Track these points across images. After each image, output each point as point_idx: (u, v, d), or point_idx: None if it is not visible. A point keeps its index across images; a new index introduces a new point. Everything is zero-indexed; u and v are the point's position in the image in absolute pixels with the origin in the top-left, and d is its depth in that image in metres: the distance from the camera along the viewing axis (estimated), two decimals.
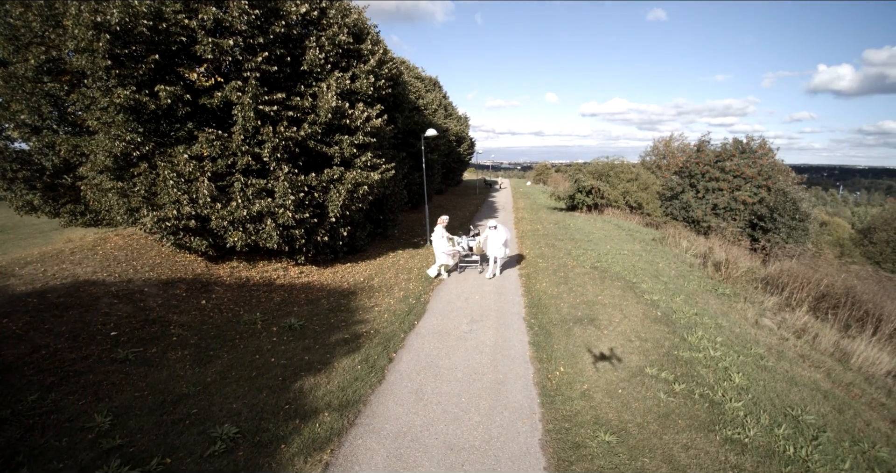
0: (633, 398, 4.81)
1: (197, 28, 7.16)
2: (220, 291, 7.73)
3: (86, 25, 6.62)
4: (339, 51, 9.08)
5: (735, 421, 4.46)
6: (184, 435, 4.06)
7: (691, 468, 3.77)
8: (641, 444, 4.04)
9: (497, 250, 9.48)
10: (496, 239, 9.38)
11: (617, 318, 7.18)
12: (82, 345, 5.44)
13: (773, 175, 19.06)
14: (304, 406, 4.55)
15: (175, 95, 7.36)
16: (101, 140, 7.49)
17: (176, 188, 7.55)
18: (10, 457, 3.72)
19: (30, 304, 5.91)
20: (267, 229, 8.13)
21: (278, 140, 8.07)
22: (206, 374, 5.18)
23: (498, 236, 9.38)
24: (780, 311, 8.30)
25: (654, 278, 9.65)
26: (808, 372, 5.91)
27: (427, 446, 4.01)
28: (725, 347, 6.23)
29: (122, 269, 7.48)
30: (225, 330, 6.40)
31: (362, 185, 9.40)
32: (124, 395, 4.70)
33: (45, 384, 4.74)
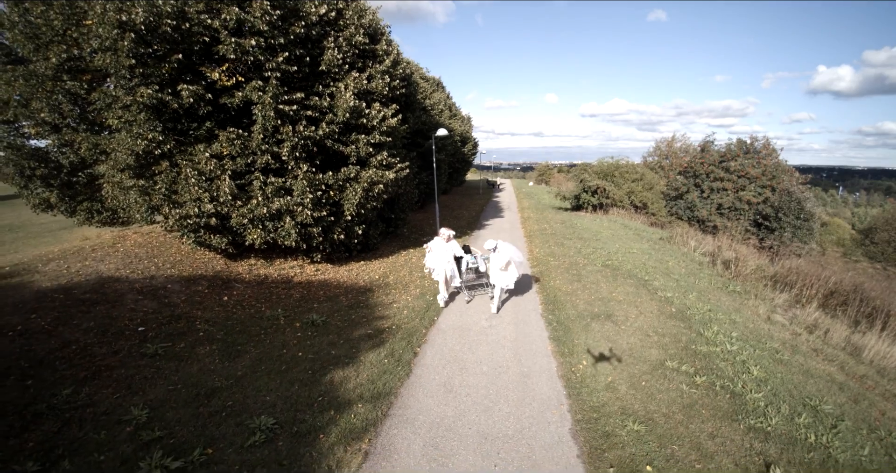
0: (657, 390, 4.92)
1: (220, 28, 7.26)
2: (241, 288, 7.83)
3: (111, 24, 6.72)
4: (356, 51, 9.19)
5: (757, 411, 4.58)
6: (222, 427, 4.16)
7: (719, 454, 3.89)
8: (669, 433, 4.16)
9: (500, 277, 7.19)
10: (498, 262, 7.12)
11: (633, 314, 7.30)
12: (111, 340, 5.53)
13: (777, 175, 19.22)
14: (336, 398, 4.65)
15: (197, 95, 7.47)
16: (123, 138, 7.58)
17: (197, 186, 7.65)
18: (50, 450, 3.80)
19: (56, 299, 6.00)
20: (286, 226, 8.24)
21: (297, 139, 8.17)
22: (236, 368, 5.28)
23: (498, 259, 7.08)
24: (791, 307, 8.44)
25: (666, 276, 9.77)
26: (822, 365, 6.04)
27: (462, 435, 4.12)
28: (741, 341, 6.36)
29: (144, 266, 7.58)
30: (249, 326, 6.50)
31: (378, 183, 9.51)
32: (158, 389, 4.79)
33: (77, 378, 4.83)
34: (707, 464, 3.76)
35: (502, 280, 7.26)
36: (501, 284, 7.29)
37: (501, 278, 7.25)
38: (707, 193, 20.12)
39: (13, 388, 4.49)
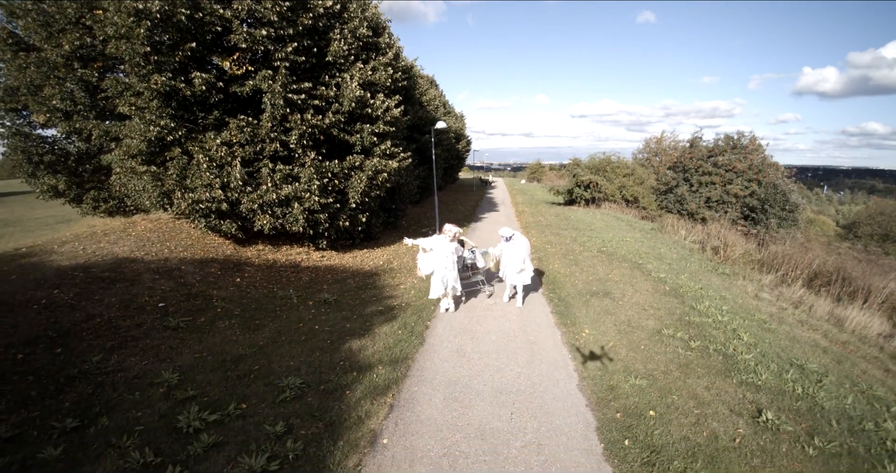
0: (655, 353, 5.28)
1: (232, 18, 7.49)
2: (252, 270, 8.04)
3: (127, 12, 6.92)
4: (360, 43, 9.46)
5: (747, 369, 4.96)
6: (252, 387, 4.41)
7: (714, 402, 4.25)
8: (668, 386, 4.51)
9: (515, 275, 6.57)
10: (513, 254, 6.44)
11: (629, 292, 7.68)
12: (134, 314, 5.73)
13: (763, 169, 19.88)
14: (357, 362, 4.93)
15: (208, 83, 7.68)
16: (136, 125, 7.74)
17: (209, 172, 7.85)
18: (87, 409, 4.02)
19: (77, 277, 6.17)
20: (294, 212, 8.47)
21: (305, 127, 8.41)
22: (257, 339, 5.52)
23: (517, 251, 6.43)
24: (777, 286, 8.91)
25: (658, 260, 10.20)
26: (807, 333, 6.47)
27: (478, 390, 4.42)
28: (731, 314, 6.77)
29: (158, 249, 7.75)
30: (264, 304, 6.73)
31: (382, 172, 9.78)
32: (184, 356, 5.02)
33: (105, 347, 5.04)
34: (704, 410, 4.11)
35: (517, 276, 6.54)
36: (516, 280, 6.54)
37: (515, 275, 6.53)
38: (696, 186, 20.73)
39: (43, 355, 4.68)
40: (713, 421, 3.94)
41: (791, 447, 3.67)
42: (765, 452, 3.57)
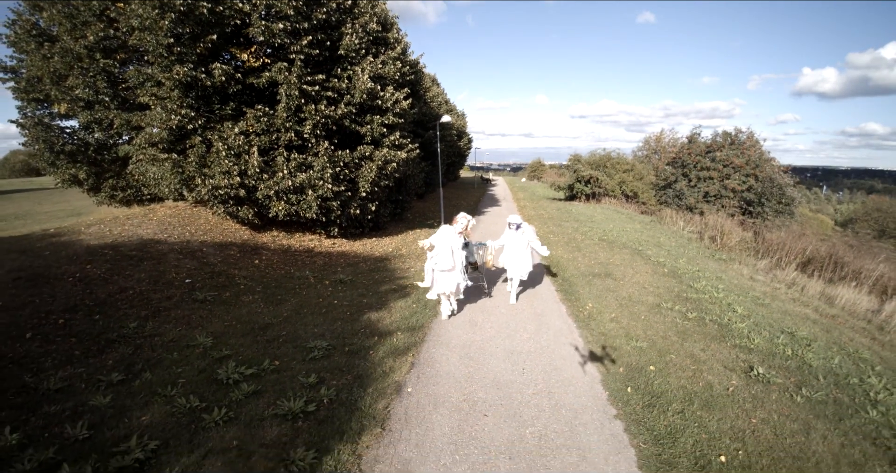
0: (655, 322, 5.63)
1: (250, 11, 7.84)
2: (268, 254, 8.38)
3: (152, 5, 7.26)
4: (370, 38, 9.81)
5: (741, 335, 5.32)
6: (282, 348, 4.75)
7: (709, 361, 4.60)
8: (667, 348, 4.86)
9: (519, 265, 6.05)
10: (518, 245, 6.00)
11: (630, 273, 8.03)
12: (163, 288, 6.07)
13: (760, 164, 20.28)
14: (377, 330, 5.27)
15: (227, 74, 8.02)
16: (157, 114, 8.07)
17: (228, 160, 8.19)
18: (130, 365, 4.35)
19: (107, 254, 6.50)
20: (308, 199, 8.81)
21: (319, 118, 8.76)
22: (281, 311, 5.86)
23: (520, 241, 6.00)
24: (771, 270, 9.27)
25: (657, 247, 10.56)
26: (798, 308, 6.83)
27: (491, 352, 4.77)
28: (726, 291, 7.13)
29: (179, 232, 8.09)
30: (283, 282, 7.07)
31: (391, 162, 10.13)
32: (215, 324, 5.36)
33: (139, 315, 5.37)
34: (700, 366, 4.46)
35: (518, 268, 6.02)
36: (515, 272, 6.06)
37: (518, 265, 6.02)
38: (694, 181, 21.12)
39: (83, 321, 5.01)
40: (708, 375, 4.29)
41: (780, 395, 4.02)
42: (756, 399, 3.92)
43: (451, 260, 5.27)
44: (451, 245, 5.30)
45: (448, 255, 5.27)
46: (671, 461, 3.06)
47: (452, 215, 7.19)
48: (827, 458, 3.20)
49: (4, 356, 4.13)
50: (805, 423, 3.61)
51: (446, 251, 5.26)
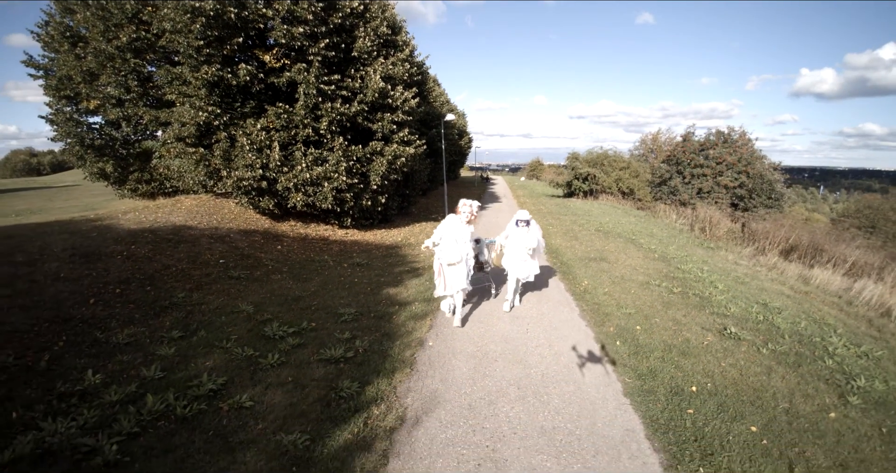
0: (643, 295, 6.30)
1: (273, 16, 8.50)
2: (288, 241, 9.03)
3: (184, 10, 7.91)
4: (381, 41, 10.47)
5: (719, 305, 5.99)
6: (316, 314, 5.40)
7: (689, 324, 5.27)
8: (652, 314, 5.53)
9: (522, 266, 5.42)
10: (523, 243, 5.32)
11: (623, 258, 8.71)
12: (201, 267, 6.71)
13: (751, 162, 21.01)
14: (397, 301, 5.92)
15: (251, 74, 8.68)
16: (186, 111, 8.72)
17: (251, 154, 8.84)
18: (186, 326, 4.97)
19: (147, 237, 7.14)
20: (324, 190, 9.46)
21: (334, 115, 9.41)
22: (308, 287, 6.51)
23: (528, 238, 5.33)
24: (755, 256, 9.95)
25: (650, 237, 11.24)
26: (776, 286, 7.51)
27: (498, 316, 5.43)
28: (710, 272, 7.81)
29: (207, 220, 8.73)
30: (306, 264, 7.72)
31: (400, 157, 10.78)
32: (252, 296, 6.00)
33: (185, 288, 6.01)
34: (680, 327, 5.13)
35: (523, 269, 5.41)
36: (521, 273, 5.42)
37: (522, 265, 5.39)
38: (688, 178, 21.84)
39: (136, 291, 5.65)
40: (687, 333, 4.95)
41: (748, 348, 4.69)
42: (727, 350, 4.59)
43: (458, 252, 4.82)
44: (455, 236, 4.87)
45: (453, 246, 4.84)
46: (651, 390, 3.72)
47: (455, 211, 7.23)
48: (783, 390, 3.86)
49: (74, 318, 4.76)
50: (767, 367, 4.27)
51: (451, 242, 4.86)
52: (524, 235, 5.40)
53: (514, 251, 5.47)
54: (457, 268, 4.90)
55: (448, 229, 4.94)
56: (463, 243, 4.93)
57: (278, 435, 3.02)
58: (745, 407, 3.51)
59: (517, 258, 5.45)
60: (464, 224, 4.99)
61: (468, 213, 4.98)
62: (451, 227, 4.94)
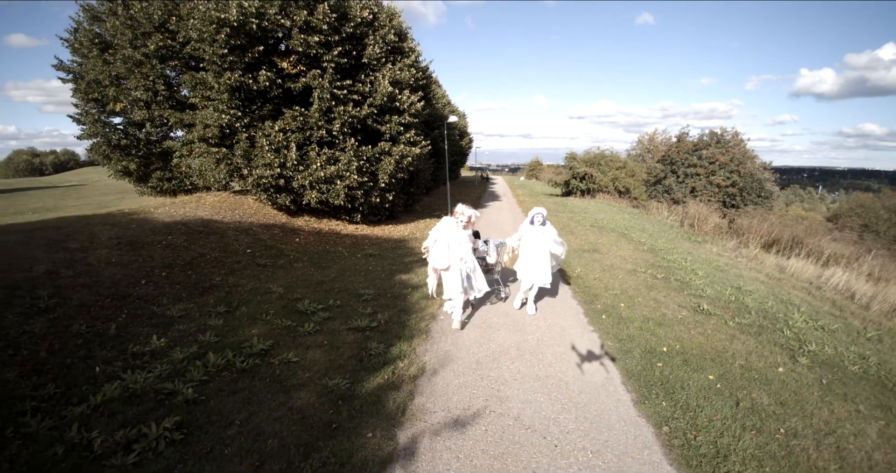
0: (630, 280, 7.02)
1: (292, 27, 9.21)
2: (305, 234, 9.73)
3: (210, 20, 8.61)
4: (389, 48, 11.17)
5: (697, 288, 6.70)
6: (339, 295, 6.10)
7: (668, 302, 5.98)
8: (636, 294, 6.24)
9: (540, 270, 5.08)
10: (539, 244, 5.05)
11: (614, 250, 9.43)
12: (231, 255, 7.42)
13: (743, 161, 21.75)
14: (409, 284, 6.63)
15: (270, 80, 9.39)
16: (209, 114, 9.42)
17: (270, 154, 9.54)
18: (228, 303, 5.65)
19: (180, 229, 7.84)
20: (336, 188, 10.17)
21: (346, 117, 10.12)
22: (328, 273, 7.21)
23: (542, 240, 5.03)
24: (738, 249, 10.67)
25: (641, 232, 11.96)
26: (752, 273, 8.23)
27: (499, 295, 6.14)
28: (693, 261, 8.53)
29: (230, 215, 9.43)
30: (323, 255, 8.43)
31: (406, 157, 11.50)
32: (280, 280, 6.71)
33: (220, 273, 6.71)
34: (660, 305, 5.84)
35: (539, 274, 5.03)
36: (536, 278, 5.05)
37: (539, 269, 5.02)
38: (682, 177, 22.57)
39: (180, 275, 6.35)
40: (664, 309, 5.67)
41: (717, 321, 5.40)
42: (697, 322, 5.30)
43: (447, 257, 4.66)
44: (448, 240, 4.69)
45: (444, 251, 4.68)
46: (628, 350, 4.43)
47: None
48: (742, 351, 4.57)
49: (131, 295, 5.46)
50: (731, 335, 4.99)
51: (443, 247, 4.70)
52: (539, 236, 5.05)
53: (529, 254, 5.08)
54: (450, 273, 4.75)
55: (442, 232, 4.77)
56: (456, 247, 4.71)
57: (323, 380, 3.73)
58: (706, 363, 4.22)
59: (533, 262, 5.06)
60: (459, 229, 4.76)
61: (465, 220, 4.76)
62: (445, 230, 4.76)
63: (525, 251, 5.23)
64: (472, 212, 4.83)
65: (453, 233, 4.76)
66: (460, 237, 4.77)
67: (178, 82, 10.27)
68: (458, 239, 4.75)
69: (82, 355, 4.09)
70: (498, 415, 3.36)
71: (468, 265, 4.87)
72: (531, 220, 5.16)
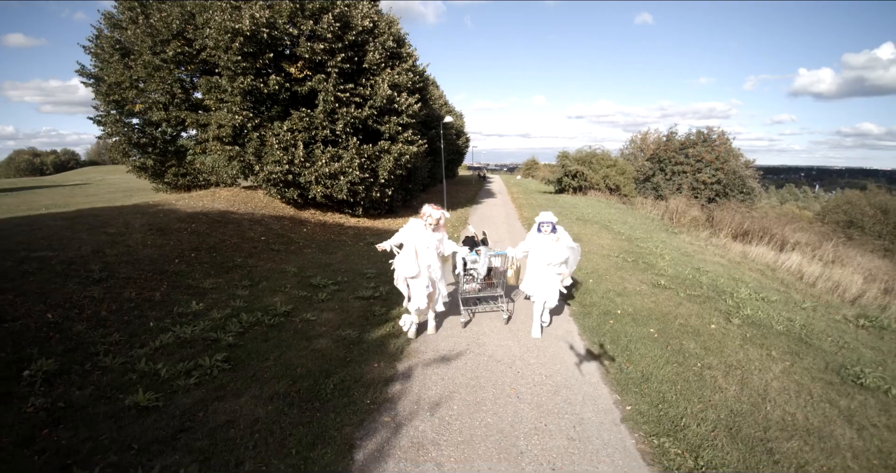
0: (602, 262, 7.92)
1: (298, 35, 10.08)
2: (311, 225, 10.62)
3: (225, 30, 9.47)
4: (388, 53, 12.06)
5: (660, 269, 7.61)
6: (346, 274, 6.99)
7: (632, 280, 6.88)
8: (605, 273, 7.14)
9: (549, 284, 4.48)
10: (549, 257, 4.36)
11: (595, 239, 10.33)
12: (248, 242, 8.30)
13: (727, 159, 22.70)
14: None
15: (279, 84, 10.26)
16: (223, 115, 10.29)
17: (279, 152, 10.42)
18: (251, 278, 6.52)
19: (201, 218, 8.71)
20: (340, 183, 11.05)
21: (348, 118, 11.00)
22: (335, 257, 8.10)
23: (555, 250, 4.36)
24: (710, 238, 11.58)
25: (623, 224, 12.88)
26: (716, 258, 9.15)
27: None
28: (664, 248, 9.43)
29: (244, 208, 10.30)
30: (329, 243, 9.32)
31: (404, 155, 12.38)
32: (293, 263, 7.59)
33: (241, 256, 7.59)
34: (624, 282, 6.73)
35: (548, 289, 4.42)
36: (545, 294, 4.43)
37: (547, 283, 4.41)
38: (669, 175, 23.52)
39: (206, 257, 7.22)
40: (627, 284, 6.57)
41: (671, 293, 6.30)
42: (654, 294, 6.20)
43: (416, 264, 4.21)
44: (415, 244, 4.24)
45: (412, 257, 4.22)
46: (588, 312, 5.33)
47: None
48: (684, 314, 5.47)
49: (168, 271, 6.33)
50: (678, 302, 5.89)
51: (410, 252, 4.24)
52: (551, 246, 4.31)
53: (536, 268, 4.40)
54: (419, 281, 4.27)
55: (409, 235, 4.30)
56: (424, 252, 4.26)
57: (337, 332, 4.63)
58: (651, 321, 5.13)
59: (541, 275, 4.38)
60: (428, 231, 4.28)
61: (433, 222, 4.26)
62: (413, 234, 4.28)
63: (533, 264, 4.46)
64: (440, 213, 4.30)
65: (421, 237, 4.26)
66: (428, 241, 4.28)
67: (193, 86, 11.12)
68: (425, 243, 4.26)
69: (136, 314, 4.98)
70: (476, 354, 4.26)
71: (435, 273, 4.38)
72: (538, 228, 4.39)
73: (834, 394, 3.96)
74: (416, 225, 4.33)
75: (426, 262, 4.31)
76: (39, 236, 6.24)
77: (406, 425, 3.14)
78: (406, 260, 4.27)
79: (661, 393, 3.62)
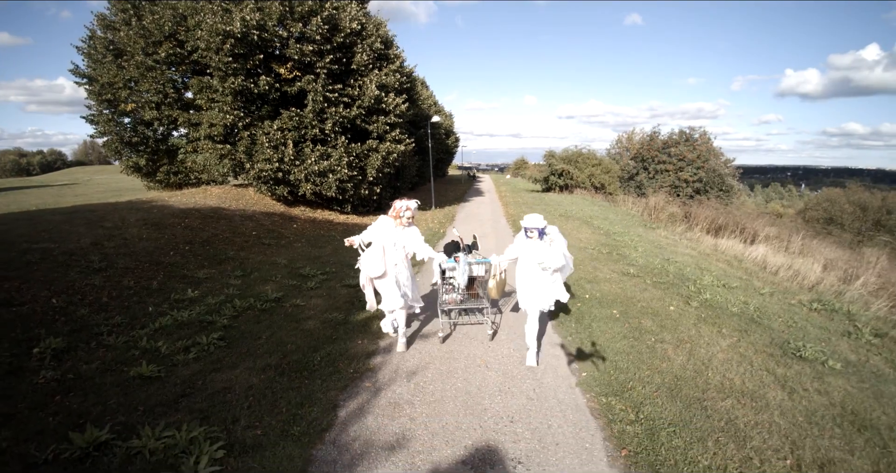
0: (578, 255, 8.35)
1: (288, 37, 10.40)
2: (301, 221, 10.94)
3: (216, 32, 9.76)
4: (375, 55, 12.42)
5: (632, 260, 8.09)
6: (334, 266, 7.35)
7: (605, 270, 7.33)
8: (579, 263, 7.57)
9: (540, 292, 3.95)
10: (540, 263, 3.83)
11: (574, 233, 10.80)
12: (240, 237, 8.61)
13: (708, 158, 23.43)
14: None
15: (269, 84, 10.57)
16: (214, 114, 10.57)
17: (269, 150, 10.73)
18: (243, 269, 6.85)
19: (193, 214, 9.00)
20: (329, 181, 11.39)
21: (337, 118, 11.34)
22: (324, 251, 8.45)
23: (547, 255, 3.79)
24: (685, 233, 12.14)
25: (603, 220, 13.40)
26: (687, 250, 9.67)
27: None
28: (639, 241, 9.93)
29: (235, 204, 10.60)
30: (318, 238, 9.66)
31: (392, 153, 12.76)
32: (283, 256, 7.93)
33: (233, 249, 7.92)
34: (597, 272, 7.19)
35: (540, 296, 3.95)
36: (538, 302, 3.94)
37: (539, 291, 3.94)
38: (653, 174, 24.18)
39: (200, 249, 7.53)
40: (598, 273, 7.03)
41: (638, 281, 6.77)
42: (622, 281, 6.66)
43: (382, 263, 4.00)
44: (383, 242, 4.02)
45: (378, 255, 4.00)
46: None
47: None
48: (647, 298, 5.93)
49: (164, 262, 6.65)
50: (644, 288, 6.35)
51: (377, 251, 4.02)
52: (542, 251, 3.80)
53: (527, 275, 3.97)
54: (386, 281, 4.06)
55: (378, 232, 4.06)
56: (391, 250, 4.04)
57: (324, 315, 5.00)
58: (615, 304, 5.58)
59: (532, 281, 3.93)
60: (399, 229, 4.05)
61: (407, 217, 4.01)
62: (382, 231, 4.05)
63: (523, 272, 4.01)
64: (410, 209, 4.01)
65: (390, 234, 4.03)
66: (397, 239, 4.05)
67: (185, 86, 11.37)
68: (393, 241, 4.03)
69: (136, 300, 5.30)
70: (453, 332, 4.66)
71: (402, 273, 4.13)
72: (525, 233, 3.89)
73: (773, 364, 4.42)
74: (386, 222, 4.06)
75: (392, 261, 4.05)
76: (40, 229, 6.51)
77: (385, 389, 3.54)
78: (372, 259, 4.01)
79: (615, 362, 4.05)
